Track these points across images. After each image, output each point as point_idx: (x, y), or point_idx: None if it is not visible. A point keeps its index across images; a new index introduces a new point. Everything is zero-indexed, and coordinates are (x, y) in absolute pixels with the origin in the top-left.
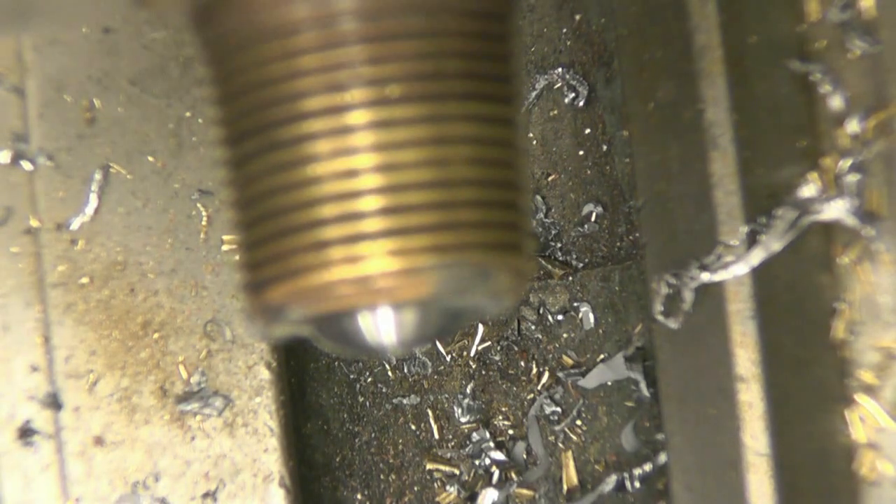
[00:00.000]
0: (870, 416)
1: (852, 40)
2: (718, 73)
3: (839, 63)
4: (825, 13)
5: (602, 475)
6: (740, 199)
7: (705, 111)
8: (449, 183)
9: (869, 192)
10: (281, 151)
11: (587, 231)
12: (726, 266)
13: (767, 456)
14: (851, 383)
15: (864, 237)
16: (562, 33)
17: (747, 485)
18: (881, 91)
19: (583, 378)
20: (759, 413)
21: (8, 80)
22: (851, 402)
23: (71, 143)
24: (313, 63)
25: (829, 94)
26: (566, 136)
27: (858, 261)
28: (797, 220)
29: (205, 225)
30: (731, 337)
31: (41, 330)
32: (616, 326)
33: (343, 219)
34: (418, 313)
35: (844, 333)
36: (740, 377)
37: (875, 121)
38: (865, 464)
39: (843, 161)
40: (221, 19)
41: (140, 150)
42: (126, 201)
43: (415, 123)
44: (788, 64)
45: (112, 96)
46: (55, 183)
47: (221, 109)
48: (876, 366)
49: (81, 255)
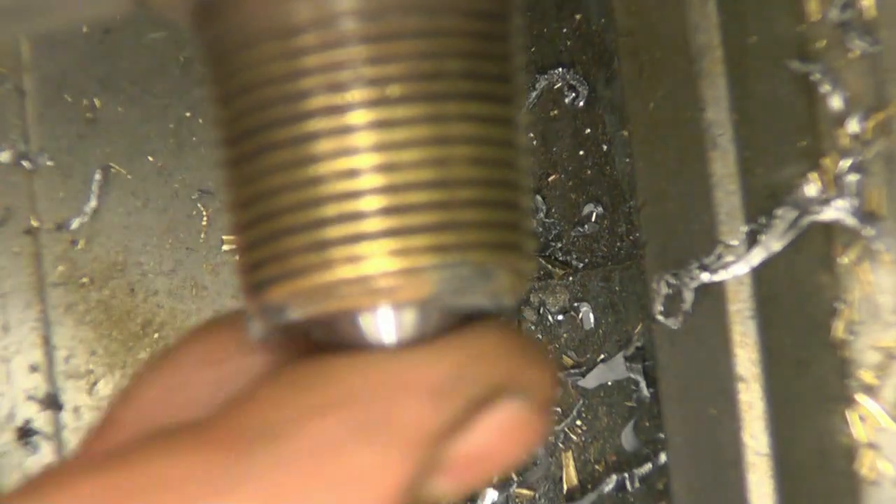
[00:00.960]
0: (870, 416)
1: (852, 40)
2: (718, 73)
3: (839, 63)
4: (825, 13)
5: (602, 475)
6: (740, 199)
7: (705, 111)
8: (450, 183)
9: (869, 192)
10: (281, 151)
11: (587, 231)
12: (726, 266)
13: (767, 456)
14: (851, 383)
15: (864, 237)
16: (562, 33)
17: (747, 485)
18: (881, 91)
19: (583, 378)
20: (759, 413)
21: (8, 80)
22: (851, 402)
23: (71, 143)
24: (314, 63)
25: (829, 94)
26: (566, 136)
27: (858, 261)
28: (797, 220)
29: (205, 225)
30: (731, 337)
31: (41, 330)
32: (616, 326)
33: (343, 219)
34: (419, 313)
35: (844, 333)
36: (740, 377)
37: (875, 121)
38: (865, 464)
39: (843, 161)
40: (221, 19)
41: (140, 150)
42: (126, 201)
43: (415, 123)
44: (788, 64)
45: (112, 96)
46: (55, 183)
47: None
48: (876, 366)
49: (81, 255)
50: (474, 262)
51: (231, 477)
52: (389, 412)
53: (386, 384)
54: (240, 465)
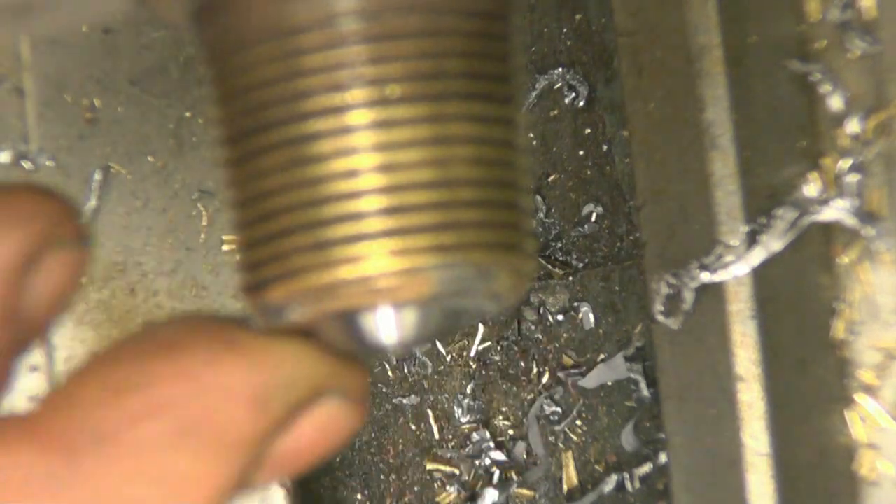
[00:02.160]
0: (870, 416)
1: (852, 40)
2: (718, 73)
3: (839, 63)
4: (825, 13)
5: (602, 475)
6: (740, 199)
7: (705, 111)
8: (450, 183)
9: (869, 192)
10: (281, 151)
11: (587, 231)
12: (726, 266)
13: (767, 456)
14: (851, 383)
15: (864, 237)
16: (562, 33)
17: (747, 485)
18: (881, 91)
19: (583, 378)
20: (759, 413)
21: (8, 80)
22: (851, 402)
23: (71, 143)
24: (314, 63)
25: (829, 94)
26: (566, 136)
27: (858, 261)
28: (797, 220)
29: (205, 225)
30: (731, 337)
31: None
32: (616, 326)
33: (343, 219)
34: (419, 313)
35: (844, 333)
36: (740, 377)
37: (875, 121)
38: (865, 464)
39: (843, 161)
40: (221, 19)
41: (140, 150)
42: (126, 201)
43: (415, 123)
44: (788, 64)
45: (112, 96)
46: (55, 183)
47: (221, 109)
48: (876, 366)
49: None
50: (475, 263)
51: (57, 479)
52: (210, 417)
53: (207, 389)
54: (67, 467)
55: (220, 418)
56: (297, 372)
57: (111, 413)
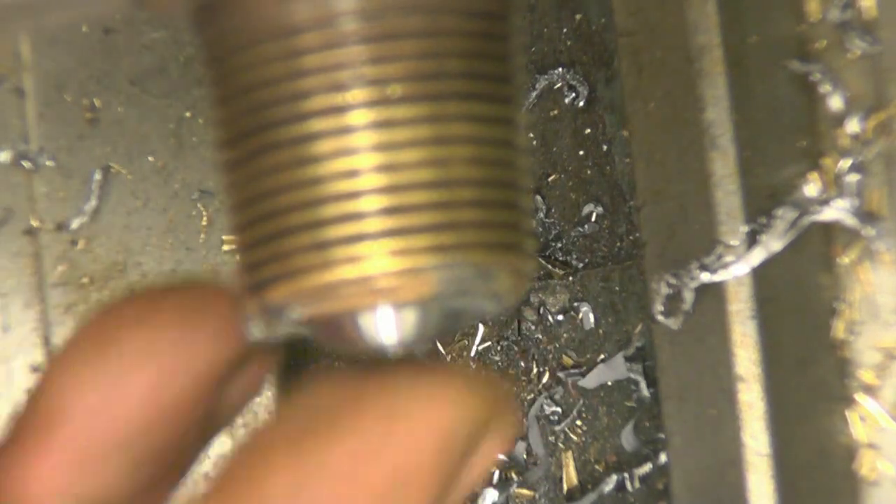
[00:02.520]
0: (870, 416)
1: (852, 40)
2: (718, 73)
3: (839, 63)
4: (825, 13)
5: (602, 475)
6: (740, 199)
7: (705, 111)
8: (450, 183)
9: (869, 192)
10: (281, 151)
11: (587, 231)
12: (726, 266)
13: (767, 456)
14: (851, 383)
15: (864, 237)
16: (562, 33)
17: (747, 485)
18: (881, 91)
19: (583, 378)
20: (759, 413)
21: (8, 80)
22: (851, 402)
23: (71, 143)
24: (314, 63)
25: (829, 94)
26: (566, 136)
27: (858, 261)
28: (797, 220)
29: (205, 225)
30: (732, 337)
31: (41, 330)
32: (616, 326)
33: (344, 219)
34: (419, 313)
35: (844, 333)
36: (740, 377)
37: (875, 121)
38: (865, 464)
39: (843, 161)
40: (221, 19)
41: (140, 150)
42: (126, 201)
43: (416, 123)
44: (788, 64)
45: (112, 96)
46: (55, 183)
47: (221, 109)
48: (876, 366)
49: (81, 256)
50: (475, 263)
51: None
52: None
53: (397, 437)
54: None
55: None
56: (473, 412)
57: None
